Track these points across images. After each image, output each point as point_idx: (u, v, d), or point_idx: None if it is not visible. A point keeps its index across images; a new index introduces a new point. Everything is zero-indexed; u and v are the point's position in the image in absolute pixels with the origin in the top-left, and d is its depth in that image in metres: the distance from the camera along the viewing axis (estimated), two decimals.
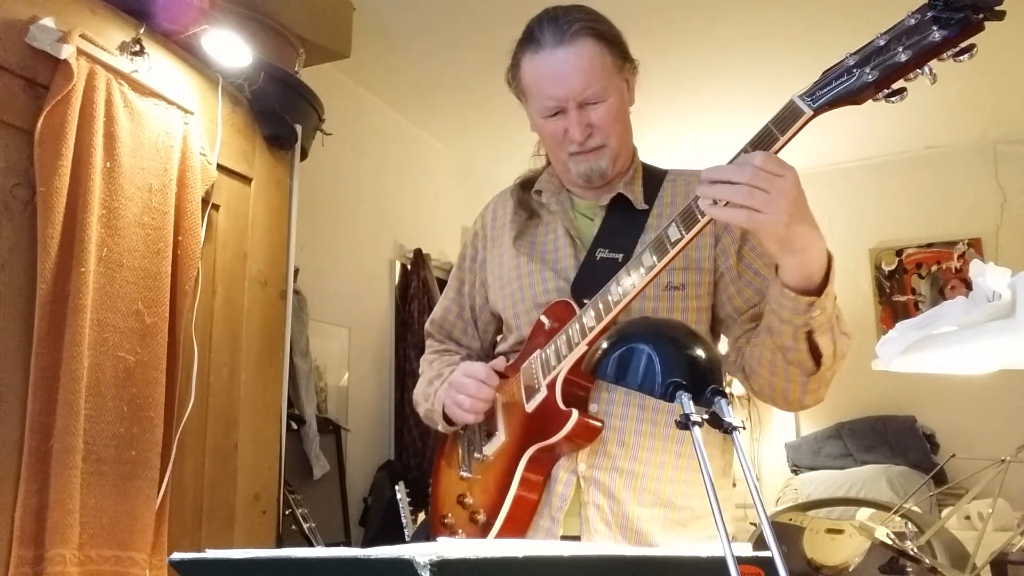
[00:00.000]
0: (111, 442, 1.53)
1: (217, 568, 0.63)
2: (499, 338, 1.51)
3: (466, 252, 1.53)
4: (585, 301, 1.21)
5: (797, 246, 0.97)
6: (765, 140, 0.96)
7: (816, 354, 1.08)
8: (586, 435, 1.19)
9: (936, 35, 0.83)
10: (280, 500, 2.06)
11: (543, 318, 1.30)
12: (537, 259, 1.36)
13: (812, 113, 0.92)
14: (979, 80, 3.60)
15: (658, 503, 1.21)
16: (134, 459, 1.56)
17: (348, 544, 2.87)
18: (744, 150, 0.98)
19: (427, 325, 1.59)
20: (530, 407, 1.25)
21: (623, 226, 1.30)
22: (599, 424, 1.20)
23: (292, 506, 2.21)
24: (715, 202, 0.96)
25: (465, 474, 1.36)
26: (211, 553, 0.60)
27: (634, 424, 1.21)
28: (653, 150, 1.62)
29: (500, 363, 1.35)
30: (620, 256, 1.25)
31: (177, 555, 0.60)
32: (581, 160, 1.28)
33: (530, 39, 1.26)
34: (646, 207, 1.31)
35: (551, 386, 1.21)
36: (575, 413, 1.17)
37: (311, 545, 2.21)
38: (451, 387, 1.33)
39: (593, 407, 1.24)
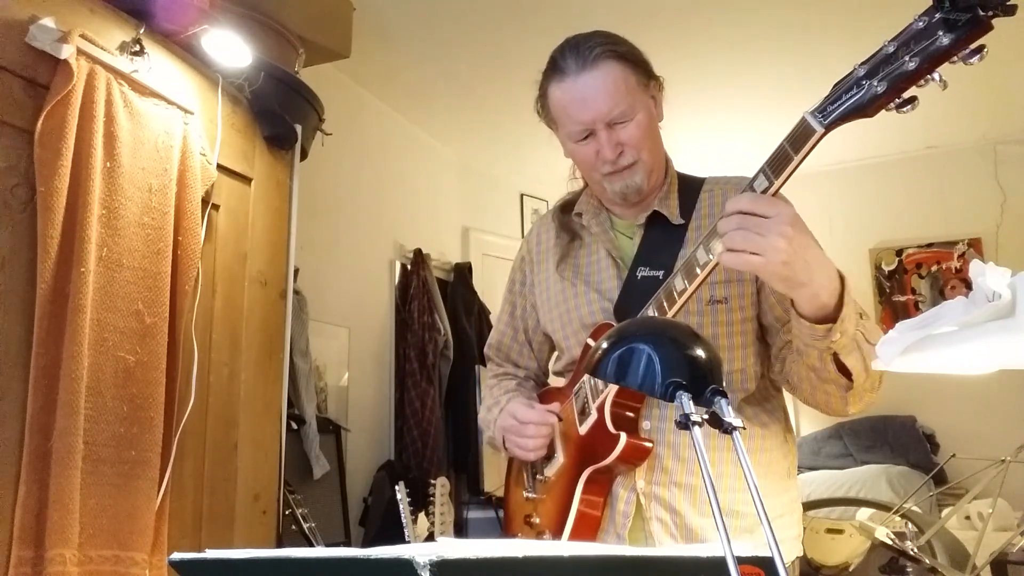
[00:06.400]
0: (111, 442, 1.52)
1: (217, 568, 0.63)
2: (554, 356, 1.54)
3: (515, 276, 1.57)
4: None
5: (801, 281, 0.98)
6: (781, 159, 0.97)
7: (847, 372, 1.08)
8: (637, 456, 1.22)
9: (944, 39, 0.79)
10: (280, 500, 2.06)
11: (590, 341, 1.34)
12: (582, 281, 1.38)
13: (823, 131, 0.92)
14: (979, 80, 3.60)
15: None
16: (134, 459, 1.56)
17: (348, 544, 2.87)
18: (762, 170, 1.00)
19: (486, 349, 1.64)
20: (583, 430, 1.28)
21: (662, 243, 1.31)
22: (649, 445, 1.22)
23: (292, 506, 2.21)
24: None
25: (529, 494, 1.41)
26: (211, 553, 0.60)
27: (688, 439, 1.23)
28: None
29: (555, 407, 1.37)
30: (661, 273, 1.26)
31: (177, 555, 0.60)
32: (616, 179, 1.29)
33: (554, 68, 1.28)
34: (683, 221, 1.32)
35: (600, 409, 1.24)
36: (623, 436, 1.20)
37: (311, 545, 2.21)
38: (505, 430, 1.37)
39: (645, 424, 1.26)
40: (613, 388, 1.22)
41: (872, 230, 4.63)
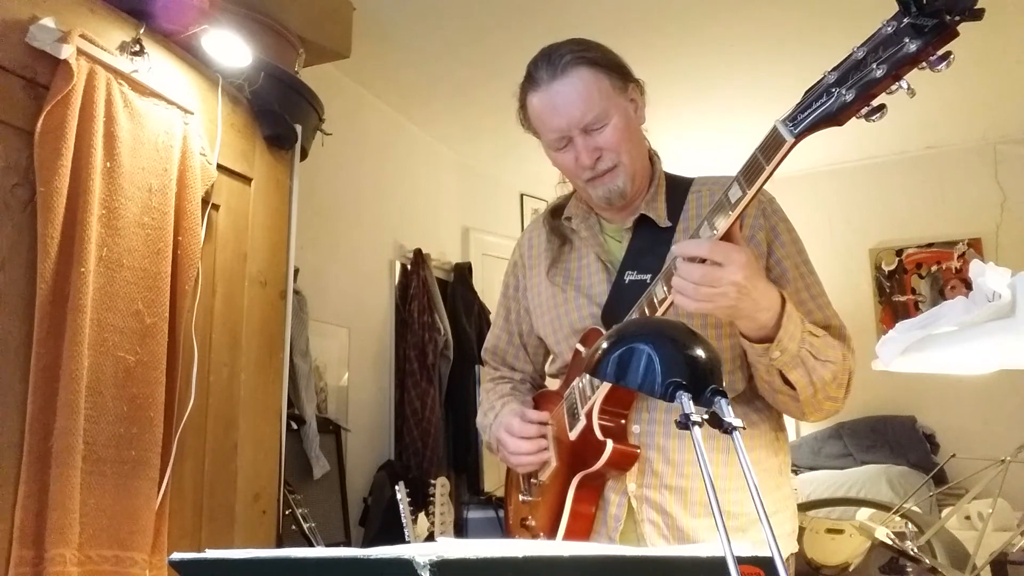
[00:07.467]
0: (111, 442, 1.52)
1: (217, 568, 0.63)
2: (550, 359, 1.55)
3: (509, 281, 1.58)
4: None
5: (745, 315, 1.06)
6: (753, 168, 0.97)
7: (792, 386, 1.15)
8: (625, 461, 1.23)
9: (911, 46, 0.79)
10: (280, 500, 2.06)
11: (579, 346, 1.34)
12: (572, 286, 1.39)
13: (794, 140, 0.91)
14: (979, 80, 3.59)
15: (711, 514, 1.23)
16: (134, 459, 1.56)
17: (348, 544, 2.87)
18: (736, 179, 1.00)
19: (482, 353, 1.66)
20: (572, 435, 1.29)
21: (649, 246, 1.31)
22: (636, 451, 1.23)
23: (292, 506, 2.21)
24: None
25: (525, 497, 1.42)
26: (211, 553, 0.60)
27: (677, 442, 1.24)
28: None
29: (538, 415, 1.37)
30: (648, 277, 1.26)
31: (177, 555, 0.60)
32: (598, 184, 1.29)
33: (529, 79, 1.31)
34: (670, 224, 1.32)
35: (588, 415, 1.25)
36: (610, 443, 1.20)
37: (311, 545, 2.21)
38: (501, 443, 1.38)
39: (635, 428, 1.26)
40: (601, 394, 1.23)
41: (872, 230, 4.63)
